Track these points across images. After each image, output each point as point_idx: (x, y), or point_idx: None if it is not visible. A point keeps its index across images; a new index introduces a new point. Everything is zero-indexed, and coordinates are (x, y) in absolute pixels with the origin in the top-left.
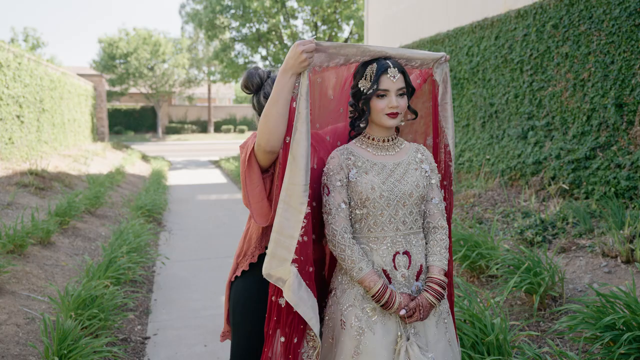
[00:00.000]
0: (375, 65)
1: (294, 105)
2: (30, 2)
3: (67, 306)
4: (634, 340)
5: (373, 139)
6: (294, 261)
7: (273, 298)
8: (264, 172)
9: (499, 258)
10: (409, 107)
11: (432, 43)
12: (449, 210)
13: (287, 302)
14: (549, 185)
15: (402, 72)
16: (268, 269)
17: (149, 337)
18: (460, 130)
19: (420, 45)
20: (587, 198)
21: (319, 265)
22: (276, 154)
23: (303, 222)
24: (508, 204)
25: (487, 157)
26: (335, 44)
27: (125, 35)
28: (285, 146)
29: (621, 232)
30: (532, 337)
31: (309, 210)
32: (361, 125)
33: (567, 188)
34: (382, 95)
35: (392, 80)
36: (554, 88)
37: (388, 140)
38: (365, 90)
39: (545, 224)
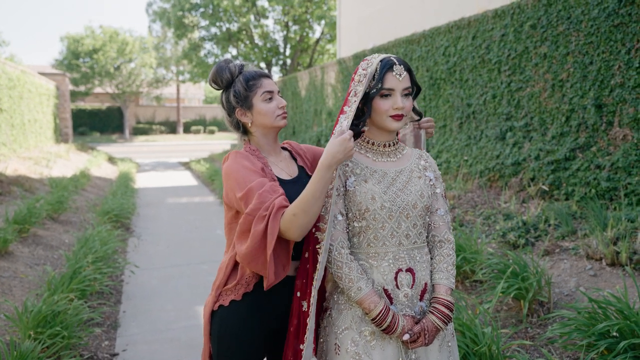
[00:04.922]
0: (379, 62)
1: None
2: None
3: (25, 324)
4: (629, 349)
5: (373, 144)
6: None
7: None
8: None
9: (485, 263)
10: (413, 108)
11: (407, 43)
12: None
13: None
14: (529, 186)
15: (409, 70)
16: None
17: (117, 354)
18: (437, 131)
19: (396, 45)
20: (567, 199)
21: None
22: None
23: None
24: (488, 205)
25: (465, 158)
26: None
27: (90, 33)
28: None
29: (604, 233)
30: (522, 345)
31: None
32: (360, 127)
33: (547, 189)
34: (387, 95)
35: (397, 79)
36: (532, 89)
37: (389, 145)
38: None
39: (527, 226)
